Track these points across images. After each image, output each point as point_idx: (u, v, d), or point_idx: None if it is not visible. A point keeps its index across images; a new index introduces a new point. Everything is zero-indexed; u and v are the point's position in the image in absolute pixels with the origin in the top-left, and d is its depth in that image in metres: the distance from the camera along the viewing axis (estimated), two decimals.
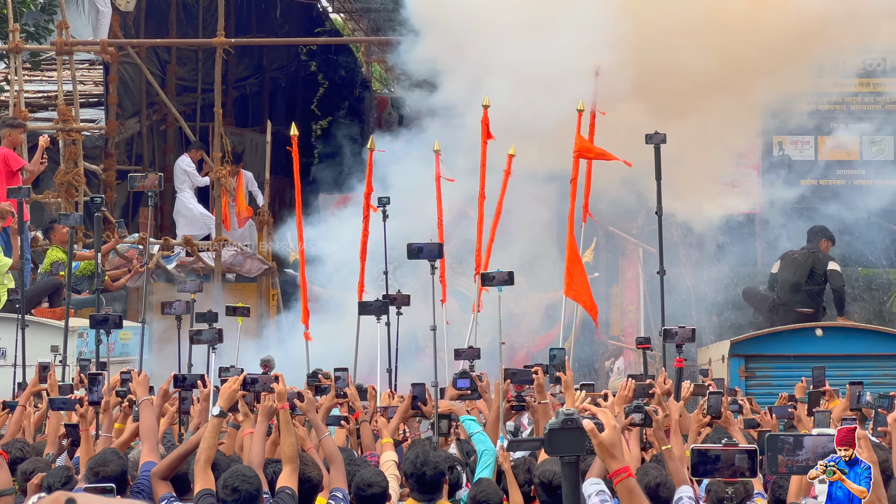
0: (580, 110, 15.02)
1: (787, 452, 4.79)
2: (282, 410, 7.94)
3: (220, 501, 7.32)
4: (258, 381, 8.37)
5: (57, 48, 20.67)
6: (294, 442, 7.80)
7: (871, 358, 15.46)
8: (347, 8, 31.12)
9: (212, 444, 7.72)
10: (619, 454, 4.94)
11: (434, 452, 7.87)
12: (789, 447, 4.81)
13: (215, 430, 7.79)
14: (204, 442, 7.74)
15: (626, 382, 9.25)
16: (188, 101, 25.15)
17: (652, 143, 13.32)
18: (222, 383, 8.36)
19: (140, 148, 24.13)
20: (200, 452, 7.68)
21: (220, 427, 7.95)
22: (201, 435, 7.84)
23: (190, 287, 13.57)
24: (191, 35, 24.52)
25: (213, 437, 7.74)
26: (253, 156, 25.90)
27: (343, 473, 7.86)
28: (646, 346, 12.51)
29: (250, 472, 7.42)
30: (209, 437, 7.73)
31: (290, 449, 7.75)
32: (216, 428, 7.81)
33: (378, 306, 12.60)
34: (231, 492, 7.27)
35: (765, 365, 15.55)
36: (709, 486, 7.96)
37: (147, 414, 8.67)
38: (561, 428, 4.31)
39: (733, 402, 10.59)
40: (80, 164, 20.46)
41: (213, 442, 7.74)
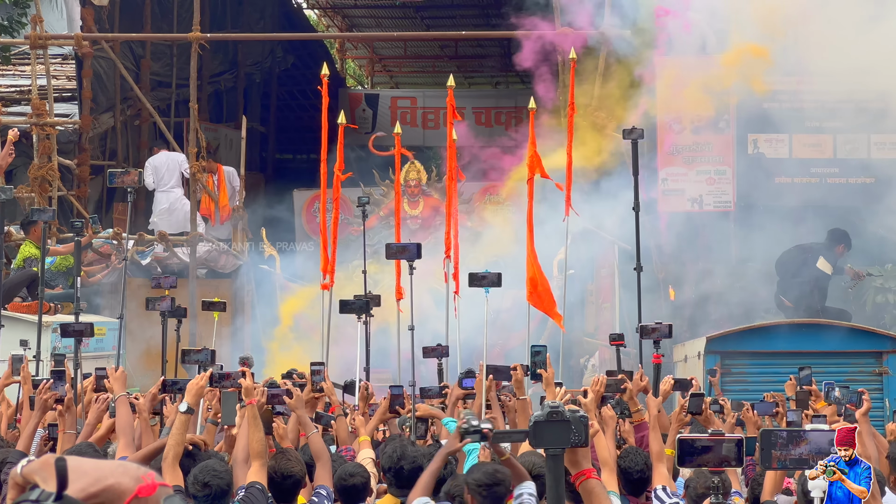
0: (532, 109, 15.06)
1: (780, 447, 4.79)
2: (248, 406, 7.91)
3: (191, 496, 7.28)
4: (226, 377, 8.34)
5: (31, 42, 20.57)
6: (262, 437, 7.77)
7: (845, 354, 15.51)
8: (321, 4, 31.11)
9: (179, 441, 7.72)
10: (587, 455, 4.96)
11: (412, 447, 7.85)
12: (783, 442, 4.81)
13: (183, 426, 7.78)
14: (172, 438, 7.73)
15: (598, 378, 9.24)
16: (162, 97, 25.07)
17: (629, 139, 13.33)
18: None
19: (114, 143, 24.03)
20: (168, 449, 7.67)
21: (188, 423, 7.93)
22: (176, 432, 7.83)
23: (166, 283, 13.51)
24: (165, 30, 24.43)
25: (181, 434, 7.74)
26: (227, 151, 25.86)
27: (329, 471, 7.84)
28: (619, 342, 12.51)
29: (221, 467, 7.39)
30: (177, 434, 7.72)
31: (259, 444, 7.73)
32: (184, 424, 7.80)
33: (359, 305, 12.57)
34: (202, 487, 7.24)
35: (741, 361, 15.57)
36: (687, 482, 7.95)
37: (123, 410, 8.63)
38: (546, 420, 4.30)
39: (714, 402, 10.61)
40: (53, 159, 20.37)
41: (181, 438, 7.73)
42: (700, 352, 16.06)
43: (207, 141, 22.32)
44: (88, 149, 21.94)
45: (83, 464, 2.66)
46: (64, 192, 20.88)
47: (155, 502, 2.69)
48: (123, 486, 2.66)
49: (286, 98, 31.11)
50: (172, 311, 12.47)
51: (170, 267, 20.52)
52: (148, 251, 20.79)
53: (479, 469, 7.03)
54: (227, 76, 27.75)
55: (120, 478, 2.67)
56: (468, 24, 30.05)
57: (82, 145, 21.76)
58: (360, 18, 32.09)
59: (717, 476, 4.97)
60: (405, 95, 31.83)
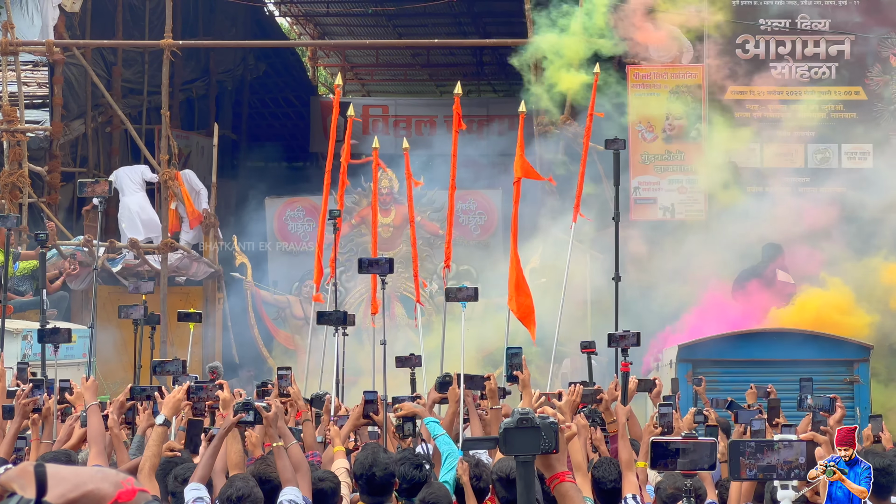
0: (522, 112, 15.08)
1: (748, 456, 4.81)
2: (224, 418, 7.93)
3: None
4: (203, 389, 8.34)
5: (2, 48, 20.50)
6: (240, 448, 7.84)
7: (816, 363, 15.55)
8: (294, 12, 31.10)
9: (156, 453, 7.76)
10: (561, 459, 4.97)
11: (384, 454, 7.84)
12: (750, 451, 4.83)
13: (160, 438, 7.82)
14: (148, 450, 7.78)
15: (574, 388, 9.25)
16: (134, 104, 25.01)
17: (611, 150, 13.37)
18: (261, 393, 8.32)
19: (85, 150, 23.95)
20: (144, 460, 7.72)
21: (165, 436, 7.95)
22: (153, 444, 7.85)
23: (142, 289, 13.49)
24: (137, 37, 24.37)
25: (157, 446, 7.78)
26: (199, 158, 25.80)
27: (308, 481, 7.83)
28: (590, 350, 12.54)
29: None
30: (154, 446, 7.77)
31: (237, 455, 7.80)
32: (161, 437, 7.84)
33: (337, 317, 12.55)
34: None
35: (712, 370, 15.59)
36: (658, 485, 7.96)
37: (95, 419, 8.62)
38: (516, 427, 4.30)
39: (699, 413, 10.64)
40: (24, 166, 20.30)
41: (157, 450, 7.77)
42: (672, 360, 16.09)
43: (179, 148, 22.28)
44: (59, 155, 21.88)
45: (61, 470, 2.66)
46: (34, 198, 20.81)
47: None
48: (103, 492, 2.66)
49: (258, 106, 31.09)
50: (146, 319, 12.45)
51: (140, 275, 20.47)
52: (119, 258, 20.73)
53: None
54: (198, 83, 27.71)
55: (99, 483, 2.66)
56: (440, 32, 30.08)
57: (53, 152, 21.69)
58: (332, 26, 32.09)
59: (690, 479, 4.99)
60: (377, 104, 31.84)
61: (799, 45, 19.86)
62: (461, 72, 32.91)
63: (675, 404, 11.60)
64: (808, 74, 19.83)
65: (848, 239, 18.89)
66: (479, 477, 7.98)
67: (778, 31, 19.82)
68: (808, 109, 19.65)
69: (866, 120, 19.72)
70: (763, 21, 19.87)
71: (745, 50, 19.86)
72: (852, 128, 19.70)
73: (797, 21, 19.82)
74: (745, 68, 19.81)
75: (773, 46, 19.88)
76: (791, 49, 19.88)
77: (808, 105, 19.65)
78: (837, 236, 18.93)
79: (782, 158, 19.81)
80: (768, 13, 19.84)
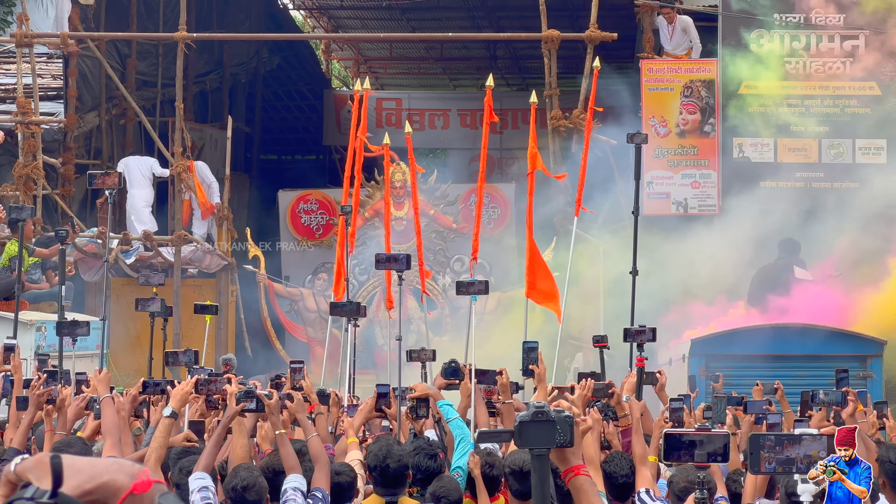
0: (533, 102, 15.07)
1: (767, 450, 4.80)
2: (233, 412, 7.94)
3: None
4: (211, 382, 8.34)
5: (17, 41, 20.54)
6: (246, 443, 7.88)
7: (829, 358, 15.51)
8: (307, 5, 31.10)
9: (163, 444, 7.78)
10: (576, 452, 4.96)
11: (398, 446, 7.85)
12: (770, 444, 4.82)
13: (167, 430, 7.83)
14: (155, 441, 7.79)
15: (585, 382, 9.23)
16: (148, 96, 25.05)
17: (634, 143, 13.36)
18: (275, 385, 8.33)
19: (99, 142, 23.98)
20: (151, 452, 7.74)
21: (171, 428, 7.97)
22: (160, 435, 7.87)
23: (153, 280, 13.49)
24: (151, 29, 24.39)
25: (164, 437, 7.80)
26: (212, 151, 25.83)
27: (326, 474, 7.84)
28: (602, 344, 12.53)
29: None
30: (160, 437, 7.78)
31: (243, 450, 7.85)
32: (167, 429, 7.85)
33: (350, 308, 12.54)
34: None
35: (725, 364, 15.53)
36: (670, 478, 7.96)
37: (108, 411, 8.64)
38: (531, 420, 4.30)
39: (708, 409, 10.60)
40: (38, 158, 20.36)
41: (164, 442, 7.80)
42: (685, 354, 16.06)
43: (192, 141, 22.30)
44: (73, 147, 21.92)
45: (77, 461, 2.66)
46: (49, 190, 20.87)
47: (150, 499, 2.69)
48: (118, 483, 2.67)
49: (271, 99, 31.10)
50: (161, 311, 12.43)
51: (153, 267, 20.50)
52: (132, 251, 20.76)
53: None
54: (212, 76, 27.73)
55: (115, 474, 2.67)
56: (454, 25, 30.05)
57: (67, 144, 21.73)
58: (345, 20, 32.06)
59: (703, 472, 4.99)
60: (390, 97, 31.82)
61: (813, 39, 19.83)
62: (475, 65, 32.90)
63: (691, 403, 11.61)
64: (823, 70, 19.79)
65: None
66: (491, 465, 7.99)
67: (792, 25, 19.79)
68: (822, 105, 19.61)
69: (880, 115, 19.66)
70: (778, 16, 19.83)
71: (760, 45, 19.83)
72: (866, 123, 19.65)
73: (811, 16, 19.78)
74: (760, 63, 19.76)
75: (788, 41, 19.85)
76: (805, 44, 19.84)
77: (822, 100, 19.60)
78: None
79: (796, 154, 19.76)
80: (783, 8, 19.82)
